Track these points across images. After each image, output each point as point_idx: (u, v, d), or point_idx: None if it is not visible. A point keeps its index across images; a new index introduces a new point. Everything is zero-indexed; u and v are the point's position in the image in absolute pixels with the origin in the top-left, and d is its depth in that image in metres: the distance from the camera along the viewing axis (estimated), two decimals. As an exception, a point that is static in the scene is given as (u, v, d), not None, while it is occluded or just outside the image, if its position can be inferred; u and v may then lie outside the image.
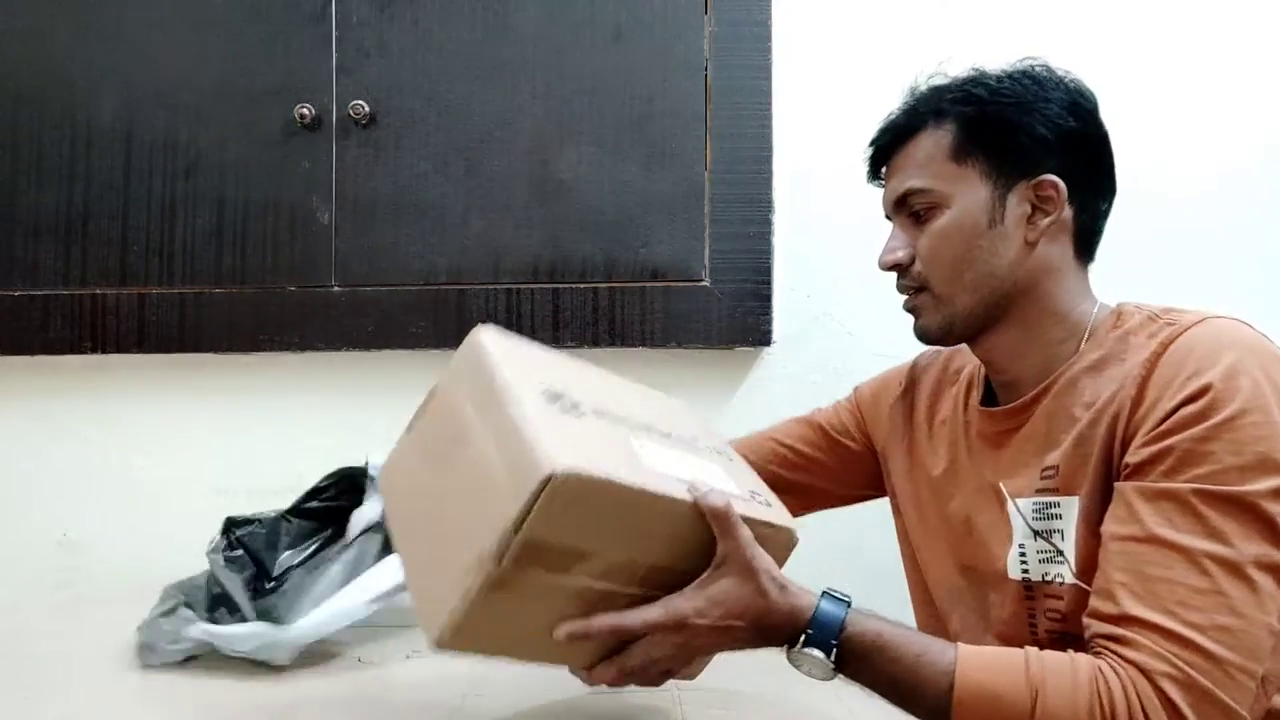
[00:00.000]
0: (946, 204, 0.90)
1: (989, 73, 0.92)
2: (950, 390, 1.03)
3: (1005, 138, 0.88)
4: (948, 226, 0.90)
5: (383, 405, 1.53)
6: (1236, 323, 0.81)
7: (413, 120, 1.50)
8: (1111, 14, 1.47)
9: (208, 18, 1.52)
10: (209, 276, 1.51)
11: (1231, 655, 0.71)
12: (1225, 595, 0.72)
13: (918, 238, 0.92)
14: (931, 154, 0.91)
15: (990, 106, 0.89)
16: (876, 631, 0.77)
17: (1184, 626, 0.72)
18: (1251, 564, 0.72)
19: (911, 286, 0.93)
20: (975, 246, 0.89)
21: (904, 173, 0.93)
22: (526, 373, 0.76)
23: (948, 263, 0.90)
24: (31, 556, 1.53)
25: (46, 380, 1.55)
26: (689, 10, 1.47)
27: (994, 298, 0.90)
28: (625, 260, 1.48)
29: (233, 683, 0.98)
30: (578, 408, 0.74)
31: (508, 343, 0.80)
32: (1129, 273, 1.05)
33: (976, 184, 0.89)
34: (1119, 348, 0.84)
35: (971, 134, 0.89)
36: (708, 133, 1.47)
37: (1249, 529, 0.73)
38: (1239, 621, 0.71)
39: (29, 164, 1.53)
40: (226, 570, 1.10)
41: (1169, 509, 0.75)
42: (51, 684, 1.01)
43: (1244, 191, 1.47)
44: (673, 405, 0.95)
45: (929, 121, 0.92)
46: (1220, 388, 0.75)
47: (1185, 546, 0.73)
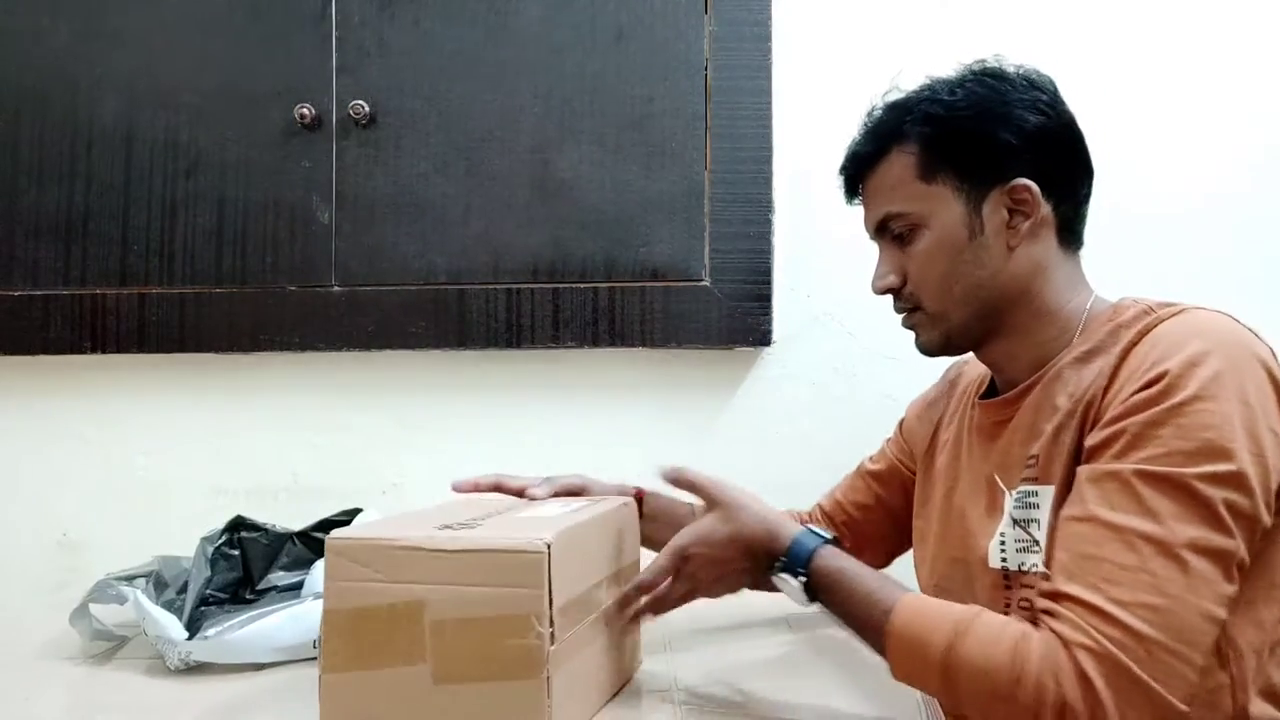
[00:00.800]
0: (925, 224, 0.91)
1: (943, 83, 0.92)
2: (969, 391, 1.05)
3: (969, 150, 0.89)
4: (930, 246, 0.91)
5: (383, 405, 1.54)
6: (1217, 315, 0.82)
7: (413, 120, 1.50)
8: (1111, 11, 1.47)
9: (208, 18, 1.52)
10: (209, 276, 1.51)
11: (1156, 633, 0.70)
12: (1152, 574, 0.72)
13: (904, 260, 0.93)
14: (900, 177, 0.92)
15: (949, 123, 0.89)
16: (840, 567, 0.85)
17: (1108, 602, 0.72)
18: (1184, 545, 0.72)
19: (907, 307, 0.95)
20: (960, 261, 0.90)
21: (878, 198, 0.94)
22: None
23: (936, 281, 0.91)
24: (31, 556, 1.53)
25: (47, 380, 1.55)
26: (689, 10, 1.47)
27: (986, 307, 0.91)
28: (625, 260, 1.48)
29: (232, 681, 0.98)
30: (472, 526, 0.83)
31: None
32: (1129, 271, 1.05)
33: (950, 200, 0.90)
34: (1108, 340, 0.84)
35: (935, 152, 0.90)
36: (708, 133, 1.47)
37: (1186, 511, 0.73)
38: (1165, 600, 0.71)
39: (30, 164, 1.53)
40: (206, 561, 1.11)
41: (1110, 489, 0.76)
42: (51, 684, 1.01)
43: (1243, 190, 1.47)
44: None
45: (892, 145, 0.92)
46: (1176, 374, 0.76)
47: (1118, 525, 0.74)
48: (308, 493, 1.51)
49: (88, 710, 0.96)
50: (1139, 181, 1.44)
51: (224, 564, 1.15)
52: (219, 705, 0.93)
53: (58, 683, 1.01)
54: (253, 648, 1.00)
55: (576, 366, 1.51)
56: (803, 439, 1.50)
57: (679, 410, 1.51)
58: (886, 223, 0.94)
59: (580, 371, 1.51)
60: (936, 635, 0.76)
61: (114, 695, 0.97)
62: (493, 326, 1.48)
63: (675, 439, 1.51)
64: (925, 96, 0.92)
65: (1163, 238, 1.45)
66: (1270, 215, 1.47)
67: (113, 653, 1.08)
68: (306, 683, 0.98)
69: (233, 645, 0.99)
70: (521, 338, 1.48)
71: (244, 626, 1.00)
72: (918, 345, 0.96)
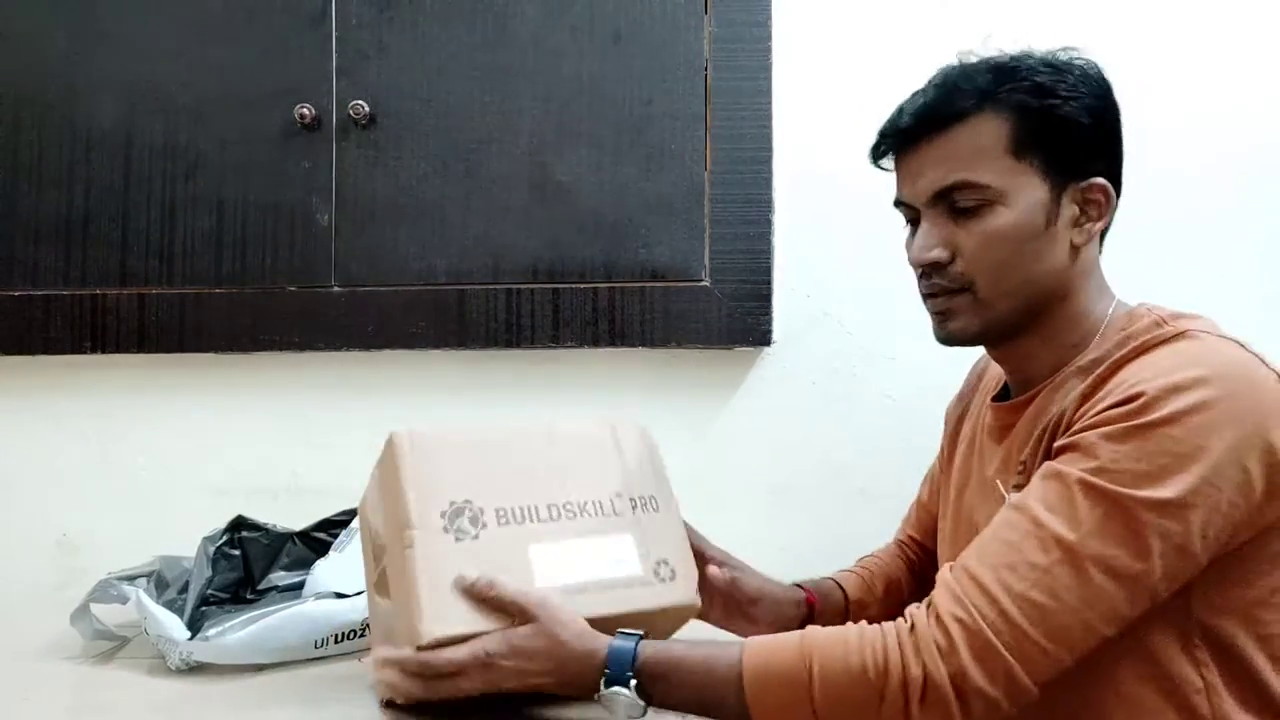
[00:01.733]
0: (1003, 201, 0.84)
1: (1046, 60, 0.86)
2: (986, 390, 1.03)
3: (1068, 136, 0.84)
4: (1005, 227, 0.84)
5: (383, 405, 1.53)
6: (1224, 341, 0.80)
7: (412, 121, 1.50)
8: (1114, 12, 1.47)
9: (207, 20, 1.52)
10: (209, 277, 1.51)
11: (1030, 628, 0.72)
12: (1052, 577, 0.73)
13: (957, 235, 0.85)
14: (987, 145, 0.84)
15: (1055, 101, 0.83)
16: (667, 652, 0.80)
17: (998, 587, 0.73)
18: (1093, 560, 0.73)
19: (950, 288, 0.87)
20: (1027, 250, 0.84)
21: (950, 161, 0.85)
22: (432, 488, 0.85)
23: (998, 265, 0.85)
24: (31, 556, 1.53)
25: (47, 380, 1.55)
26: (689, 11, 1.47)
27: (1033, 303, 0.86)
28: (625, 261, 1.48)
29: (233, 681, 0.98)
30: (478, 520, 0.85)
31: (420, 448, 0.86)
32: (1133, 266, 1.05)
33: (1036, 182, 0.84)
34: (1114, 351, 0.83)
35: (1033, 128, 0.84)
36: (708, 133, 1.47)
37: (1112, 529, 0.73)
38: (1054, 603, 0.72)
39: (30, 166, 1.53)
40: (208, 561, 1.12)
41: (1051, 488, 0.76)
42: (52, 684, 1.01)
43: (1243, 183, 1.47)
44: (592, 451, 0.94)
45: (985, 107, 0.84)
46: (1152, 397, 0.74)
47: (1043, 522, 0.75)
48: (308, 493, 1.51)
49: (88, 710, 0.96)
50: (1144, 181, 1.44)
51: (225, 564, 1.16)
52: (219, 705, 0.93)
53: (58, 683, 1.01)
54: (253, 648, 1.00)
55: (576, 366, 1.51)
56: (803, 439, 1.50)
57: (679, 410, 1.51)
58: (953, 191, 0.85)
59: (580, 371, 1.51)
60: (791, 668, 0.75)
61: (114, 695, 0.97)
62: (493, 326, 1.48)
63: (675, 439, 1.49)
64: (1033, 66, 0.85)
65: (1171, 241, 1.45)
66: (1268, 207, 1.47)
67: (113, 653, 1.09)
68: (307, 683, 0.98)
69: (234, 645, 0.99)
70: (521, 338, 1.48)
71: (245, 627, 1.00)
72: (945, 331, 0.89)
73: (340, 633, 1.05)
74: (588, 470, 0.92)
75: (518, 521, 0.86)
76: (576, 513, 0.89)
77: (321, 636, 1.04)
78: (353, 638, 1.06)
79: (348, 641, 1.06)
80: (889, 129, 0.90)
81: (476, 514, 0.85)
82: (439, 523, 0.83)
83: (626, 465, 0.95)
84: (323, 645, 1.04)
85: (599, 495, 0.91)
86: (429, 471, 0.85)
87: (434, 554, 0.82)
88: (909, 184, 0.89)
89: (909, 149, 0.88)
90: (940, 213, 0.87)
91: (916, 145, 0.87)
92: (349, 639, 1.06)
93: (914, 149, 0.88)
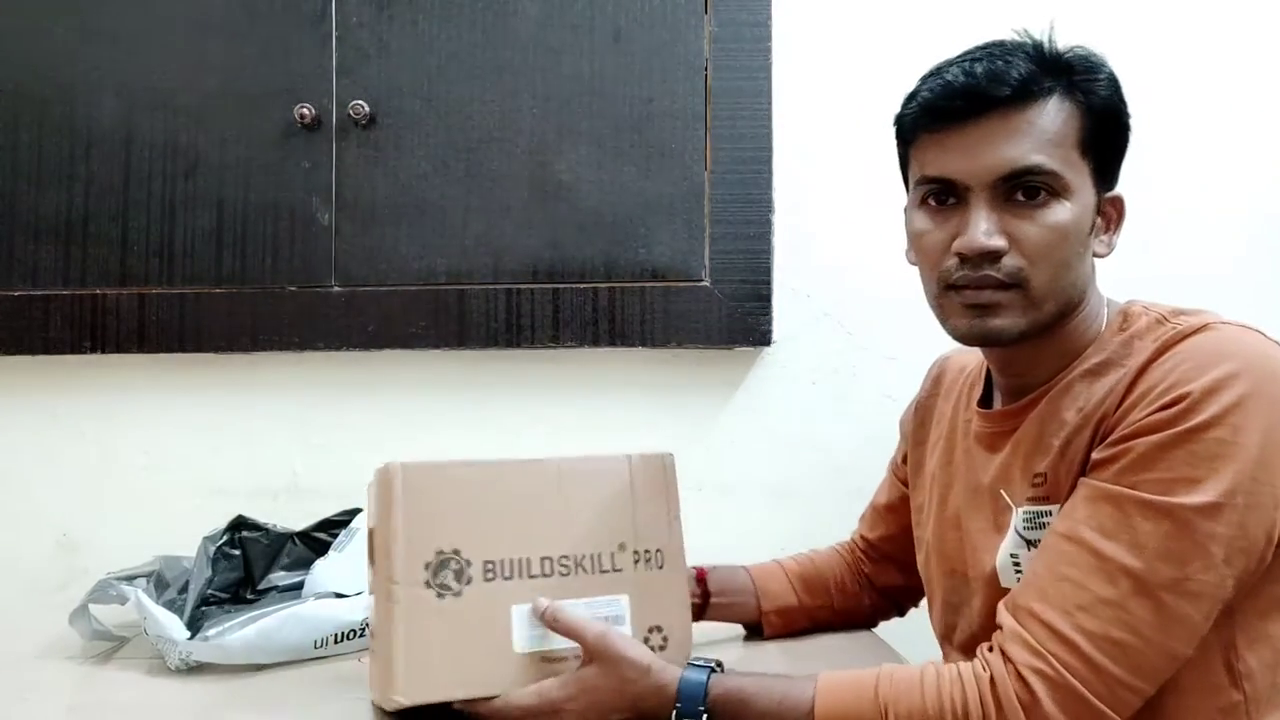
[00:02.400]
0: (1068, 196, 0.78)
1: (1107, 66, 0.83)
2: (957, 388, 1.01)
3: (1116, 142, 0.82)
4: (1068, 225, 0.78)
5: (383, 405, 1.53)
6: (1245, 331, 0.77)
7: (412, 121, 1.50)
8: (1116, 13, 1.47)
9: (207, 19, 1.52)
10: (209, 277, 1.51)
11: (1116, 669, 0.71)
12: (1128, 611, 0.71)
13: (1015, 224, 0.78)
14: (1065, 131, 0.78)
15: (1117, 102, 0.81)
16: (739, 688, 0.78)
17: (1074, 630, 0.71)
18: (1165, 586, 0.71)
19: (1004, 281, 0.79)
20: (1078, 252, 0.80)
21: (1029, 139, 0.77)
22: (421, 533, 0.82)
23: (1055, 262, 0.79)
24: (31, 556, 1.53)
25: (47, 380, 1.55)
26: (689, 10, 1.47)
27: (1066, 309, 0.82)
28: (625, 261, 1.48)
29: (233, 681, 0.98)
30: (463, 574, 0.82)
31: (414, 487, 0.83)
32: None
33: (1089, 184, 0.81)
34: (1121, 352, 0.80)
35: (1098, 127, 0.80)
36: (708, 133, 1.47)
37: (1176, 547, 0.71)
38: (1135, 639, 0.71)
39: (29, 166, 1.53)
40: (208, 561, 1.11)
41: (1105, 512, 0.74)
42: (51, 684, 1.01)
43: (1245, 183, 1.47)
44: (603, 491, 0.89)
45: (1062, 91, 0.79)
46: (1197, 398, 0.72)
47: (1104, 553, 0.72)
48: (308, 493, 1.51)
49: (88, 710, 0.96)
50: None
51: (225, 564, 1.16)
52: (219, 705, 0.93)
53: (58, 683, 1.01)
54: (253, 648, 1.00)
55: (576, 366, 1.51)
56: (803, 439, 1.50)
57: (679, 410, 1.51)
58: (1026, 175, 0.77)
59: (580, 371, 1.51)
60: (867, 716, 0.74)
61: (114, 695, 0.97)
62: (493, 326, 1.48)
63: (675, 439, 1.50)
64: (1099, 60, 0.82)
65: (1166, 237, 1.45)
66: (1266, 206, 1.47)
67: (113, 653, 1.09)
68: (307, 683, 0.98)
69: (233, 646, 0.99)
70: (521, 338, 1.48)
71: (245, 627, 1.00)
72: (985, 327, 0.80)
73: (340, 633, 1.05)
74: (593, 516, 0.88)
75: (505, 576, 0.83)
76: (572, 568, 0.86)
77: (321, 636, 1.04)
78: (353, 638, 1.06)
79: (348, 641, 1.06)
80: (947, 93, 0.79)
81: (462, 566, 0.82)
82: (422, 576, 0.81)
83: (637, 513, 0.89)
84: (323, 645, 1.04)
85: (600, 548, 0.87)
86: (421, 513, 0.83)
87: (416, 613, 0.80)
88: (964, 159, 0.79)
89: (971, 119, 0.78)
90: (996, 197, 0.78)
91: (985, 115, 0.78)
92: (349, 639, 1.06)
93: (978, 120, 0.78)
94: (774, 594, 1.09)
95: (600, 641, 0.80)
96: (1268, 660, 0.77)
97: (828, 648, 1.07)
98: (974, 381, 0.97)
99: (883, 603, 1.13)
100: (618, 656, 0.79)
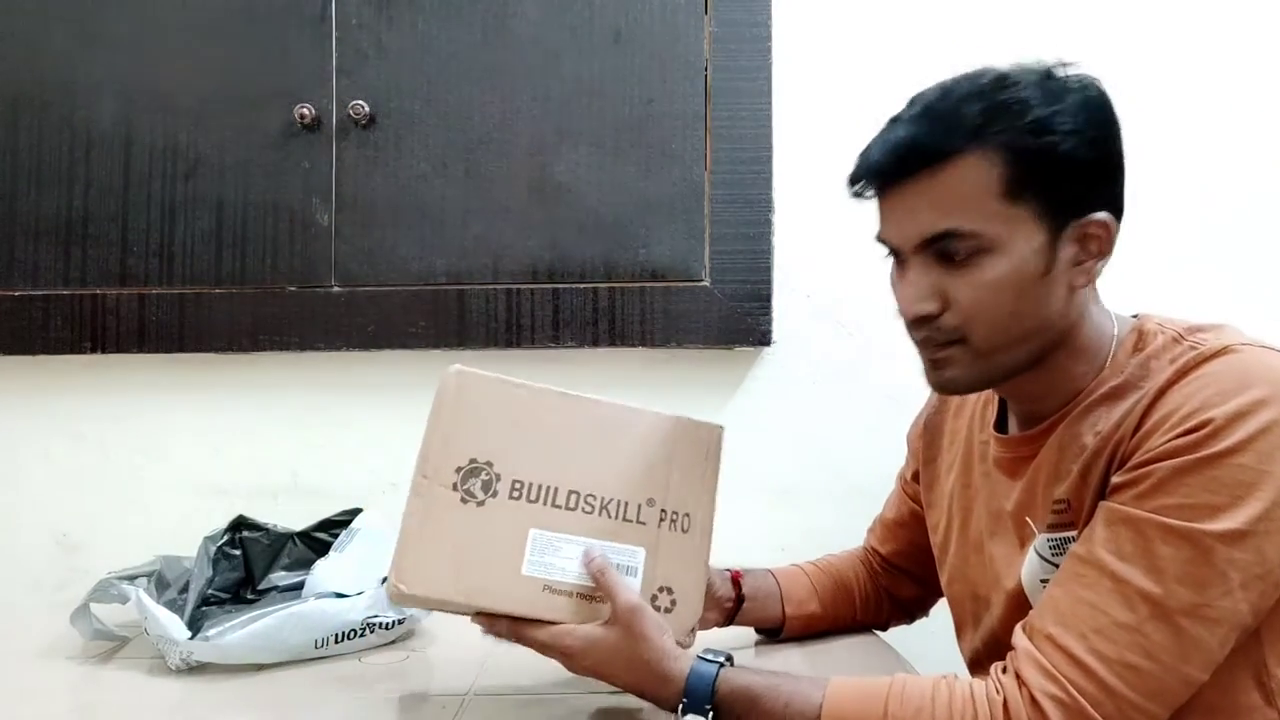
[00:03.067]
0: (998, 249, 0.77)
1: (1039, 86, 0.77)
2: (967, 408, 0.99)
3: (1066, 174, 0.76)
4: (1002, 278, 0.77)
5: (383, 405, 1.53)
6: (1266, 352, 0.76)
7: (412, 121, 1.50)
8: (1119, 12, 1.47)
9: (207, 20, 1.52)
10: (209, 277, 1.51)
11: (1130, 693, 0.70)
12: (1145, 636, 0.70)
13: (947, 284, 0.79)
14: (978, 189, 0.76)
15: (1048, 136, 0.75)
16: (747, 685, 0.78)
17: (1090, 655, 0.71)
18: (1183, 611, 0.70)
19: (943, 339, 0.80)
20: (1027, 298, 0.78)
21: (937, 208, 0.78)
22: (461, 437, 0.84)
23: (993, 318, 0.78)
24: (31, 556, 1.53)
25: (47, 380, 1.55)
26: (689, 11, 1.47)
27: (1038, 349, 0.81)
28: (625, 261, 1.48)
29: (233, 681, 0.98)
30: (490, 486, 0.83)
31: (467, 390, 0.85)
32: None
33: (1031, 227, 0.77)
34: (1139, 374, 0.79)
35: (1028, 168, 0.76)
36: (708, 133, 1.47)
37: (1195, 572, 0.70)
38: (1152, 665, 0.70)
39: (30, 167, 1.53)
40: (209, 561, 1.12)
41: (1124, 535, 0.73)
42: (52, 684, 1.01)
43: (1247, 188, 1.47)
44: (647, 445, 0.89)
45: (971, 146, 0.76)
46: (1220, 424, 0.71)
47: (1122, 577, 0.72)
48: (308, 493, 1.51)
49: (88, 710, 0.96)
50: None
51: (226, 564, 1.16)
52: (219, 705, 0.93)
53: (58, 683, 1.01)
54: (253, 648, 1.00)
55: (576, 366, 1.51)
56: (803, 439, 1.50)
57: (679, 410, 1.49)
58: (941, 239, 0.78)
59: (580, 371, 1.51)
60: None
61: (114, 695, 0.97)
62: (493, 327, 1.48)
63: (675, 439, 1.50)
64: (1024, 98, 0.76)
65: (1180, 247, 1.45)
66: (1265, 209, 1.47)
67: (113, 653, 1.09)
68: (307, 683, 0.98)
69: (233, 645, 0.99)
70: (521, 338, 1.48)
71: (245, 626, 1.00)
72: (941, 381, 0.83)
73: (340, 633, 1.05)
74: (630, 466, 0.88)
75: (530, 499, 0.84)
76: (596, 508, 0.86)
77: (321, 636, 1.04)
78: (353, 638, 1.06)
79: (348, 641, 1.06)
80: (865, 166, 0.81)
81: (492, 479, 0.84)
82: (451, 478, 0.83)
83: (674, 470, 0.89)
84: (323, 645, 1.04)
85: (629, 497, 0.87)
86: (465, 417, 0.84)
87: (435, 509, 0.82)
88: (893, 226, 0.81)
89: (890, 188, 0.80)
90: (928, 259, 0.79)
91: (898, 185, 0.79)
92: (349, 639, 1.06)
93: (896, 189, 0.80)
94: (799, 600, 1.08)
95: (630, 615, 0.81)
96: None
97: (832, 648, 1.07)
98: (987, 401, 0.95)
99: (897, 611, 1.14)
100: (640, 635, 0.80)
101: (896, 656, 1.04)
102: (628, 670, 0.81)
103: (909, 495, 1.10)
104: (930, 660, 0.99)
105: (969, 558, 0.94)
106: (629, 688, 0.82)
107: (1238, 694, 0.76)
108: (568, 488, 0.85)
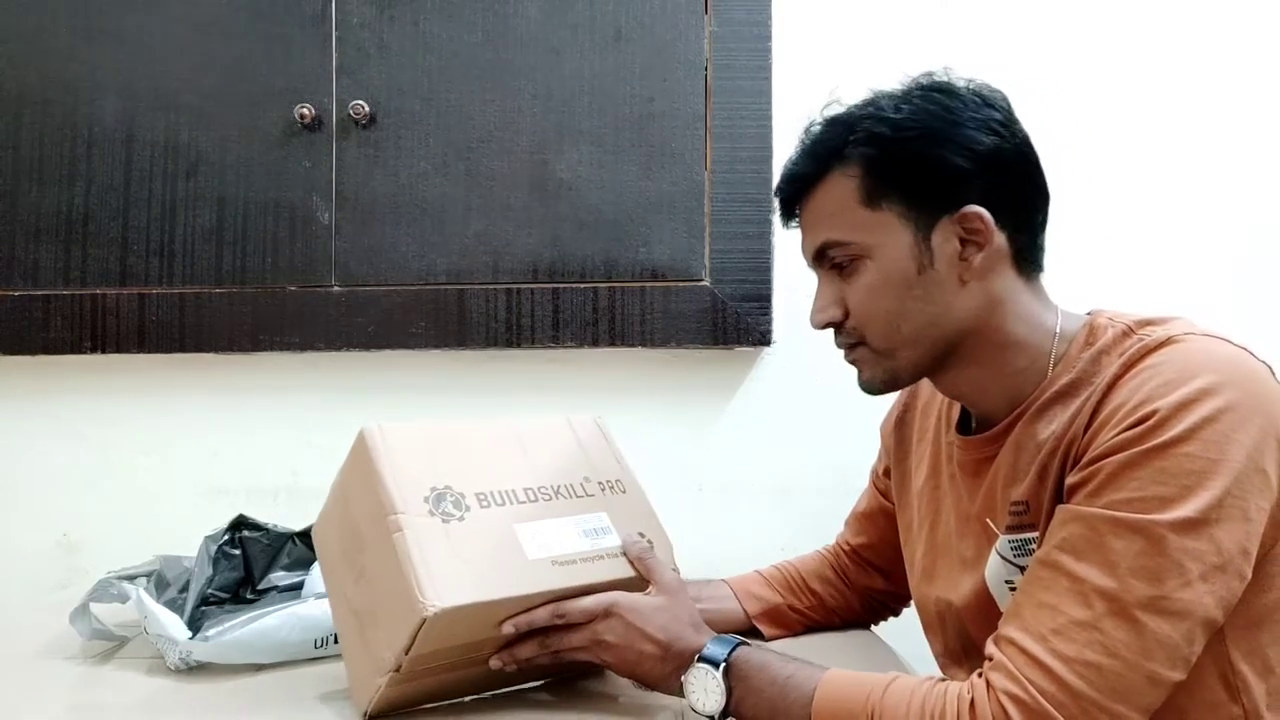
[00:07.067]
0: (868, 254, 0.84)
1: (888, 98, 0.85)
2: (935, 407, 1.00)
3: (918, 174, 0.82)
4: (874, 280, 0.84)
5: (383, 405, 1.53)
6: (1212, 340, 0.77)
7: (413, 120, 1.50)
8: (1113, 12, 1.47)
9: (208, 19, 1.52)
10: (209, 276, 1.51)
11: (1092, 692, 0.69)
12: (1104, 633, 0.70)
13: (845, 291, 0.86)
14: (841, 202, 0.84)
15: (895, 143, 0.82)
16: (762, 651, 0.82)
17: (1049, 655, 0.70)
18: (1141, 605, 0.69)
19: (848, 342, 0.88)
20: (909, 297, 0.83)
21: (817, 225, 0.87)
22: (409, 474, 0.86)
23: (882, 318, 0.84)
24: (31, 556, 1.53)
25: (47, 380, 1.55)
26: (689, 10, 1.47)
27: (939, 346, 0.84)
28: (625, 260, 1.48)
29: (233, 681, 0.98)
30: (461, 504, 0.86)
31: (391, 440, 0.88)
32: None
33: (896, 229, 0.83)
34: (1090, 369, 0.80)
35: (880, 175, 0.82)
36: (708, 133, 1.47)
37: (1150, 565, 0.70)
38: (1112, 662, 0.69)
39: (30, 165, 1.53)
40: (209, 560, 1.11)
41: (1077, 534, 0.73)
42: (51, 684, 1.01)
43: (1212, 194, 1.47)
44: (555, 442, 0.98)
45: (833, 166, 0.85)
46: (1165, 414, 0.71)
47: (1078, 576, 0.72)
48: (308, 493, 1.51)
49: (88, 710, 0.95)
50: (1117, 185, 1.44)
51: (225, 563, 1.16)
52: (219, 705, 0.93)
53: (58, 683, 1.01)
54: (253, 648, 1.00)
55: (576, 366, 1.51)
56: (803, 439, 1.50)
57: (679, 410, 1.51)
58: (825, 251, 0.86)
59: (580, 371, 1.51)
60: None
61: (114, 695, 0.97)
62: (493, 326, 1.48)
63: (675, 439, 1.51)
64: (869, 113, 0.84)
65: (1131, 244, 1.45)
66: (1233, 218, 1.47)
67: (113, 652, 1.08)
68: (307, 683, 0.98)
69: (233, 645, 0.99)
70: (521, 338, 1.48)
71: (245, 626, 1.00)
72: (860, 382, 0.89)
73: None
74: (554, 458, 0.96)
75: (499, 504, 0.89)
76: (552, 495, 0.93)
77: (321, 636, 1.04)
78: (352, 638, 1.06)
79: (348, 641, 1.06)
80: (776, 194, 0.92)
81: (459, 498, 0.86)
82: (424, 507, 0.84)
83: (589, 453, 0.99)
84: (323, 645, 1.04)
85: (569, 480, 0.95)
86: (404, 462, 0.87)
87: (424, 536, 0.82)
88: (803, 247, 0.91)
89: (790, 215, 0.91)
90: (829, 272, 0.88)
91: (792, 212, 0.91)
92: (349, 639, 1.06)
93: (792, 215, 0.91)
94: (756, 596, 1.10)
95: (675, 583, 0.87)
96: (1259, 670, 0.76)
97: (826, 647, 1.07)
98: (949, 404, 0.97)
99: (871, 604, 1.14)
100: (683, 599, 0.86)
101: (889, 652, 1.04)
102: (666, 627, 0.83)
103: (879, 490, 1.11)
104: (929, 660, 1.00)
105: (937, 560, 0.94)
106: (656, 649, 0.83)
107: (1204, 691, 0.76)
108: (522, 486, 0.91)
